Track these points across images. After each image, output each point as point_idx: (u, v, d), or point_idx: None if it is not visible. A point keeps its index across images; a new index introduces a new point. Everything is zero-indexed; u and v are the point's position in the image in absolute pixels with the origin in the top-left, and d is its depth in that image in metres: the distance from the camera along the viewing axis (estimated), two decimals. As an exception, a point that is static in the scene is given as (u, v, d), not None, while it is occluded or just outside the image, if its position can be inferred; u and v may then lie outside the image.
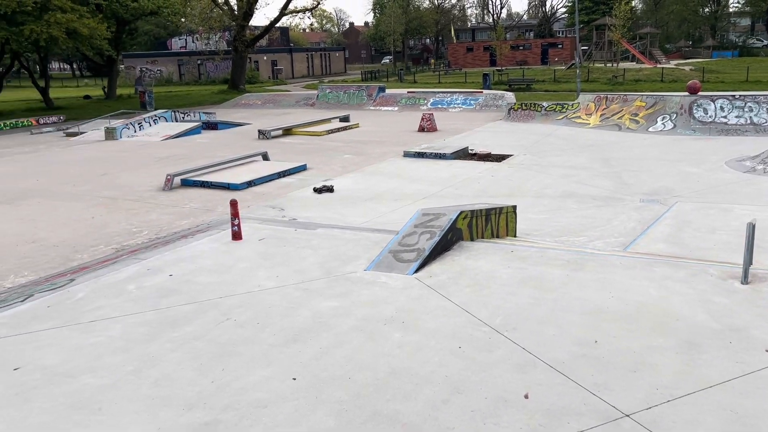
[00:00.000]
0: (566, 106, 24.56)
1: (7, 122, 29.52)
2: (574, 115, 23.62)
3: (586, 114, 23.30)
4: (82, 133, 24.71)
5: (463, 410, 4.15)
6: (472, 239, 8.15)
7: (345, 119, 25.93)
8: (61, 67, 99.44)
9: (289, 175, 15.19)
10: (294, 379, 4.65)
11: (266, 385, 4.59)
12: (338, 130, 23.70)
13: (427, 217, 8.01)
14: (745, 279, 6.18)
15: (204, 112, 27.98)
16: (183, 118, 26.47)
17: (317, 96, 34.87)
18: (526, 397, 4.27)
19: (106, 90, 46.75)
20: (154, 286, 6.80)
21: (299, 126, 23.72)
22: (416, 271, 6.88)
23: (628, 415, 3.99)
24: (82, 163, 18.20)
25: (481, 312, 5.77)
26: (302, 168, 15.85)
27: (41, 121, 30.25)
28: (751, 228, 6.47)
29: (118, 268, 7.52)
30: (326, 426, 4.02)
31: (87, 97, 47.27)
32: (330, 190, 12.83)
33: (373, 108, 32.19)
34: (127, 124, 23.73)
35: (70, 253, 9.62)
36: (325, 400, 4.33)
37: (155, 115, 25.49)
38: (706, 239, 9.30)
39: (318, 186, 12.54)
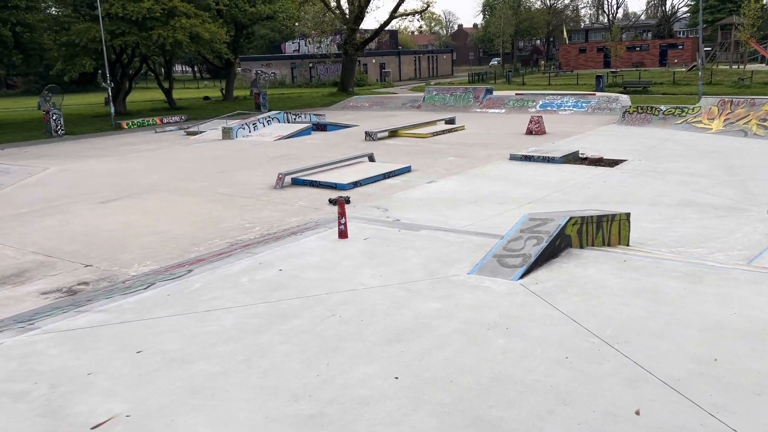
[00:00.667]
0: (686, 109, 23.23)
1: (135, 121, 31.74)
2: (694, 120, 22.30)
3: (708, 118, 21.93)
4: (201, 132, 26.13)
5: (569, 422, 4.02)
6: (581, 246, 7.88)
7: (451, 121, 25.86)
8: (183, 69, 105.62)
9: (393, 176, 15.34)
10: (396, 378, 4.68)
11: (369, 382, 4.65)
12: (443, 132, 23.67)
13: (534, 221, 7.83)
14: None
15: (314, 114, 28.80)
16: (294, 119, 27.38)
17: (424, 98, 35.00)
18: (637, 413, 4.08)
19: (223, 91, 49.21)
20: (265, 279, 7.07)
21: (405, 128, 23.90)
22: (521, 276, 6.75)
23: (751, 441, 3.72)
24: (200, 160, 19.24)
25: (590, 322, 5.57)
26: (407, 169, 15.96)
27: (165, 120, 32.27)
28: None
29: (232, 262, 7.88)
30: (428, 426, 4.02)
31: (206, 98, 49.95)
32: (347, 201, 12.90)
33: (479, 110, 31.90)
34: (242, 125, 24.85)
35: (188, 245, 10.19)
36: (427, 401, 4.33)
37: (269, 116, 26.53)
38: None
39: (333, 198, 12.62)
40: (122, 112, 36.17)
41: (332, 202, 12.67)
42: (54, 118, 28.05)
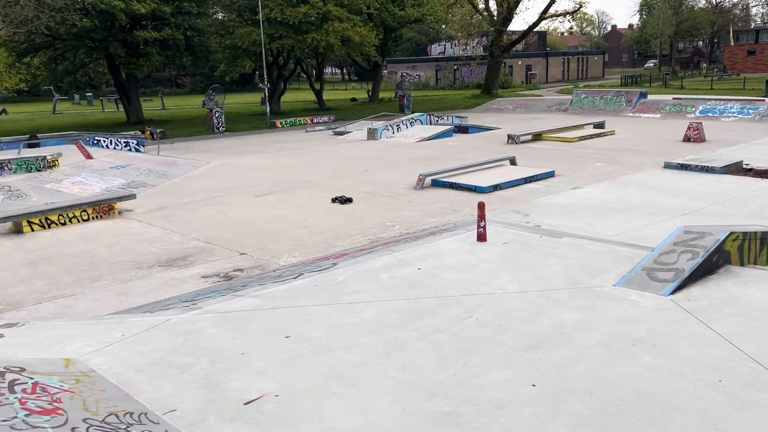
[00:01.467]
0: None
1: (288, 120, 33.56)
2: None
3: None
4: (347, 132, 27.11)
5: (720, 449, 3.78)
6: (742, 264, 7.30)
7: (600, 125, 24.83)
8: (333, 71, 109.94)
9: (535, 180, 15.03)
10: (533, 385, 4.63)
11: (505, 386, 4.64)
12: (591, 136, 22.78)
13: (689, 235, 7.37)
14: None
15: (456, 116, 28.89)
16: (437, 121, 27.63)
17: (571, 101, 33.89)
18: (802, 448, 3.74)
19: (370, 93, 50.69)
20: (404, 277, 7.24)
21: (550, 131, 23.30)
22: (673, 292, 6.38)
23: None
24: (346, 159, 19.99)
25: (749, 346, 5.16)
26: (550, 174, 15.56)
27: (314, 120, 33.83)
28: None
29: (374, 258, 8.15)
30: (565, 438, 3.95)
31: (353, 99, 51.69)
32: (349, 200, 12.71)
33: (631, 114, 30.35)
34: (386, 126, 25.48)
35: (333, 239, 10.65)
36: (565, 412, 4.25)
37: (412, 118, 26.98)
38: None
39: (336, 196, 12.49)
40: (276, 112, 38.37)
41: (334, 200, 12.87)
42: (216, 115, 30.36)
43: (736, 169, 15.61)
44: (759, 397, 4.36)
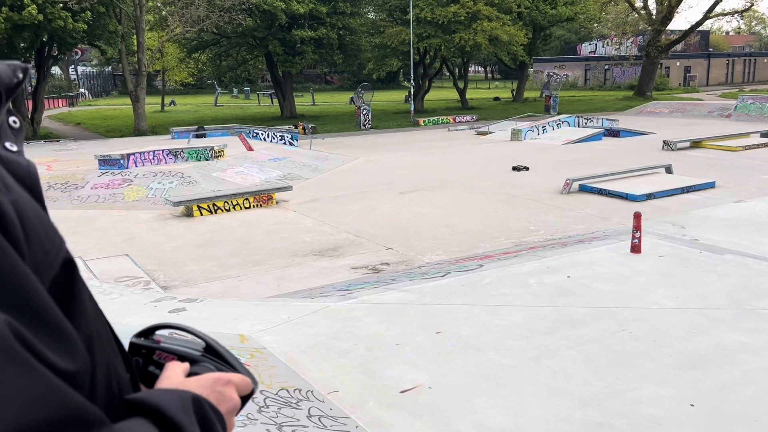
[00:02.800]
0: None
1: (431, 119, 33.99)
2: None
3: None
4: (490, 132, 27.00)
5: None
6: None
7: (767, 134, 22.85)
8: (476, 69, 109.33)
9: (694, 191, 14.20)
10: (692, 405, 4.50)
11: (661, 403, 4.55)
12: (758, 146, 21.04)
13: None
14: None
15: (607, 119, 27.80)
16: (585, 123, 26.76)
17: (735, 106, 31.40)
18: None
19: (514, 93, 49.96)
20: (553, 284, 7.22)
21: (710, 138, 21.79)
22: None
23: None
24: (489, 160, 19.96)
25: None
26: (710, 185, 14.63)
27: (457, 119, 33.98)
28: None
29: (520, 262, 8.17)
30: (727, 463, 3.83)
31: (496, 98, 51.22)
32: (526, 168, 12.12)
33: (806, 123, 27.59)
34: (531, 127, 25.08)
35: (476, 240, 10.77)
36: (726, 436, 4.11)
37: (559, 120, 26.34)
38: None
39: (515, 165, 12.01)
40: (420, 110, 38.96)
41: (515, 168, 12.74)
42: (364, 113, 31.41)
43: None
44: None
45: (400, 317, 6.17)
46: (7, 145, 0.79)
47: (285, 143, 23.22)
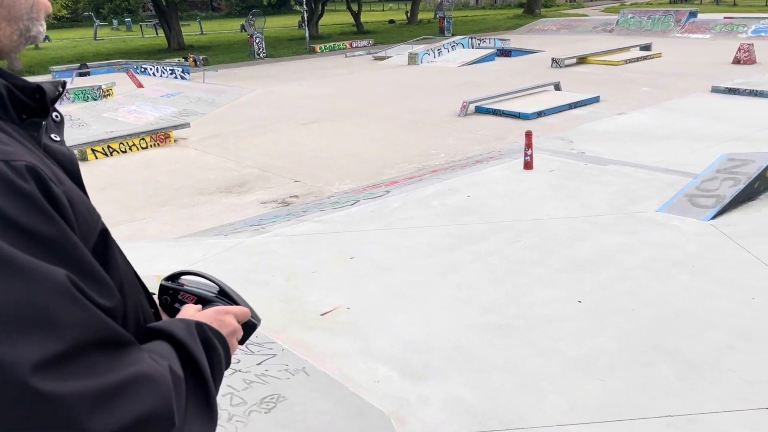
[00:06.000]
0: None
1: (327, 45, 33.45)
2: None
3: None
4: (388, 57, 27.02)
5: (748, 356, 4.22)
6: (784, 191, 7.52)
7: (646, 48, 24.27)
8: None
9: (580, 106, 15.06)
10: (579, 302, 5.11)
11: (552, 303, 5.12)
12: (638, 59, 22.35)
13: (732, 162, 7.59)
14: None
15: (499, 39, 28.42)
16: (479, 44, 27.27)
17: (617, 21, 32.87)
18: (824, 359, 4.17)
19: (408, 15, 49.68)
20: (454, 204, 7.68)
21: (595, 54, 22.90)
22: (713, 217, 6.70)
23: None
24: (388, 86, 20.12)
25: (784, 268, 5.51)
26: (594, 100, 15.55)
27: (354, 44, 33.63)
28: None
29: (424, 186, 8.58)
30: (608, 347, 4.44)
31: (392, 21, 50.82)
32: None
33: (680, 35, 29.40)
34: (427, 50, 25.31)
35: (381, 167, 11.09)
36: (608, 326, 4.73)
37: (453, 42, 26.68)
38: None
39: None
40: (315, 36, 38.13)
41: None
42: (257, 41, 30.45)
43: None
44: (788, 315, 4.76)
45: (315, 247, 6.44)
46: (53, 136, 1.05)
47: (176, 77, 22.31)
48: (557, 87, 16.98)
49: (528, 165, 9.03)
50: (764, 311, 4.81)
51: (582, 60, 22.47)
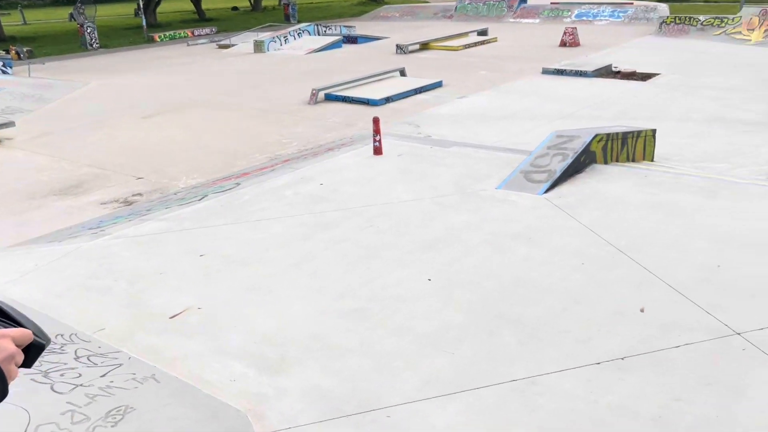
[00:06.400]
0: (726, 20, 22.57)
1: (167, 33, 31.86)
2: (734, 31, 21.73)
3: (747, 29, 21.36)
4: (232, 45, 26.26)
5: (580, 317, 4.61)
6: (605, 162, 8.26)
7: (483, 33, 25.52)
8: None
9: (425, 91, 15.56)
10: (429, 280, 5.30)
11: (404, 283, 5.27)
12: (475, 44, 23.47)
13: (560, 138, 8.20)
14: None
15: (345, 26, 28.60)
16: (325, 31, 27.27)
17: (456, 7, 34.26)
18: (642, 311, 4.64)
19: (252, 1, 48.53)
20: (307, 193, 7.65)
21: (436, 40, 23.73)
22: (546, 191, 7.21)
23: (739, 333, 4.27)
24: (234, 75, 19.58)
25: (607, 233, 6.06)
26: (438, 85, 16.14)
27: (196, 32, 32.31)
28: None
29: (276, 176, 8.47)
30: (456, 321, 4.64)
31: (235, 8, 49.41)
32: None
33: (512, 20, 31.24)
34: (274, 38, 24.91)
35: (231, 159, 10.79)
36: (456, 300, 4.95)
37: (299, 29, 26.46)
38: None
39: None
40: (153, 24, 36.17)
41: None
42: (88, 31, 28.34)
43: (606, 72, 16.85)
44: (612, 275, 5.25)
45: (161, 247, 6.14)
46: None
47: (-3, 72, 20.22)
48: (402, 73, 17.41)
49: (377, 150, 9.19)
50: (592, 274, 5.26)
51: (425, 46, 23.20)
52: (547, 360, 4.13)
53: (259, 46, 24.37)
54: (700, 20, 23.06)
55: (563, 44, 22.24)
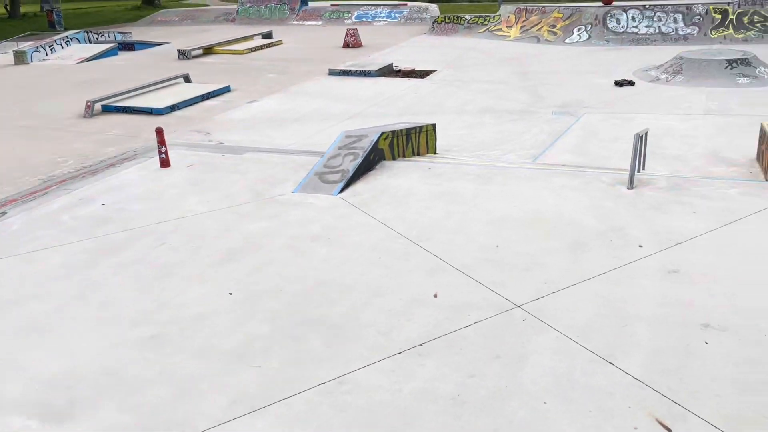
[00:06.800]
0: (488, 18, 24.83)
1: None
2: (495, 28, 23.98)
3: (507, 26, 23.70)
4: (-13, 56, 23.33)
5: (381, 310, 4.78)
6: (393, 158, 8.65)
7: (268, 35, 25.43)
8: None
9: (212, 97, 15.12)
10: (230, 293, 5.15)
11: (204, 300, 5.07)
12: (261, 47, 23.30)
13: (350, 138, 8.43)
14: (630, 184, 6.98)
15: (119, 32, 26.76)
16: (97, 39, 25.28)
17: (237, 11, 33.71)
18: (435, 296, 4.94)
19: (8, 7, 43.51)
20: (88, 215, 7.04)
21: (220, 44, 23.17)
22: (341, 191, 7.37)
23: (519, 306, 4.72)
24: (-8, 90, 17.42)
25: (400, 226, 6.35)
26: (226, 90, 15.77)
27: (-61, 44, 28.20)
28: (638, 138, 7.24)
29: (50, 200, 7.68)
30: (261, 331, 4.57)
31: (-13, 15, 43.90)
32: (631, 83, 14.83)
33: (296, 23, 31.52)
34: (37, 47, 22.55)
35: (-5, 186, 9.58)
36: (260, 310, 4.87)
37: (67, 37, 24.24)
38: (609, 148, 10.14)
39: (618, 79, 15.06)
40: None
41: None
42: None
43: (389, 71, 17.66)
44: (407, 265, 5.51)
45: None
46: None
47: None
48: (187, 79, 16.74)
49: (164, 163, 8.73)
50: (389, 267, 5.48)
51: (208, 50, 22.52)
52: (354, 357, 4.22)
53: (20, 57, 21.92)
54: (466, 19, 25.10)
55: (346, 45, 22.91)
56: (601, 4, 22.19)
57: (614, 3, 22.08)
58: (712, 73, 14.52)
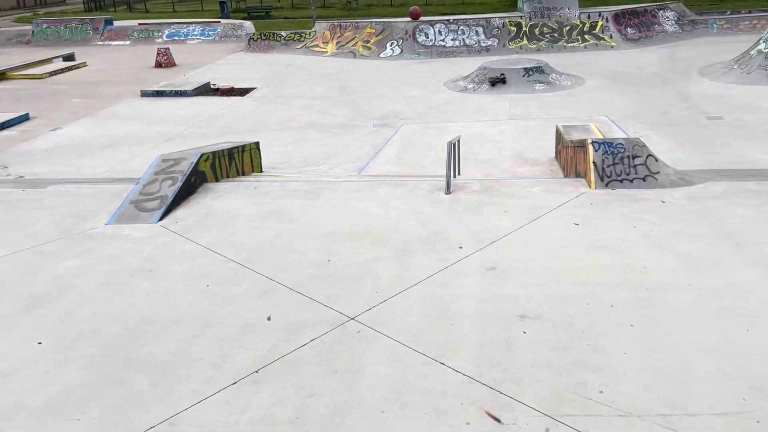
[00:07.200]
0: (304, 34, 25.08)
1: None
2: (312, 44, 24.27)
3: (323, 42, 24.09)
4: None
5: (212, 341, 4.57)
6: (217, 180, 8.38)
7: (70, 58, 23.65)
8: None
9: (8, 127, 13.74)
10: (39, 343, 4.64)
11: (9, 354, 4.53)
12: (63, 70, 21.59)
13: (167, 162, 8.03)
14: (448, 189, 7.36)
15: None
16: None
17: (33, 32, 30.95)
18: (269, 319, 4.83)
19: None
20: None
21: (15, 69, 21.12)
22: (161, 218, 6.99)
23: (353, 318, 4.76)
24: None
25: (228, 250, 6.15)
26: (24, 118, 14.42)
27: None
28: (451, 146, 7.67)
29: None
30: (79, 380, 4.17)
31: None
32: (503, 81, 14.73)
33: (101, 43, 29.61)
34: None
35: None
36: (76, 357, 4.44)
37: None
38: (425, 156, 10.66)
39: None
40: None
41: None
42: None
43: (206, 90, 17.18)
44: (237, 290, 5.34)
45: None
46: None
47: None
48: (-25, 108, 15.03)
49: (-49, 204, 7.71)
50: (219, 294, 5.28)
51: (2, 76, 20.43)
52: (185, 393, 3.99)
53: None
54: (282, 36, 25.14)
55: (159, 65, 21.93)
56: (409, 19, 23.32)
57: (422, 18, 23.32)
58: (512, 81, 15.84)
